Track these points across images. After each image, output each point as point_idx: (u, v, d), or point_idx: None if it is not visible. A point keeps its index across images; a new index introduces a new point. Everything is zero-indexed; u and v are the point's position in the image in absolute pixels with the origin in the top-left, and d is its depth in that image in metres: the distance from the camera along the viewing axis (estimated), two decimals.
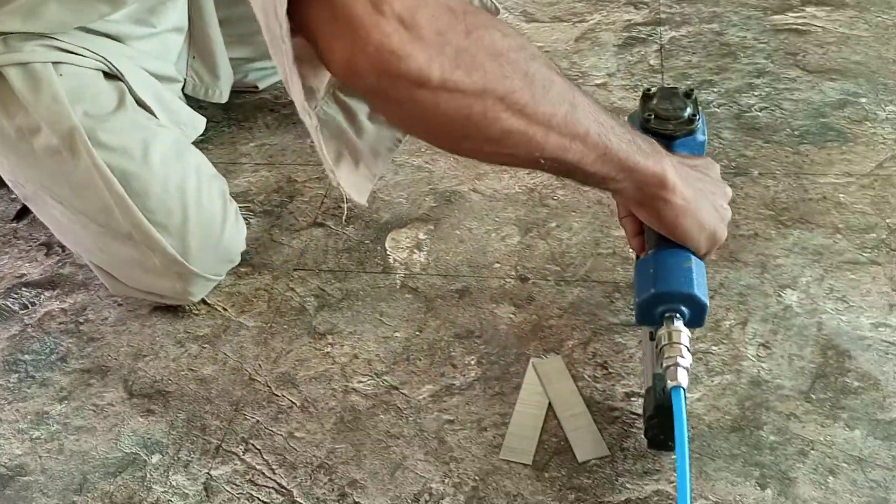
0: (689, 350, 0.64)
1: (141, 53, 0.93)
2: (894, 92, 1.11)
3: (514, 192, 1.03)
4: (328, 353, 0.85)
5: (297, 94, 0.55)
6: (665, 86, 0.77)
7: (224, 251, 0.91)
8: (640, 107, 0.78)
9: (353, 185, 0.65)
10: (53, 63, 0.82)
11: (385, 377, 0.82)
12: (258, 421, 0.79)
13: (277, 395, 0.81)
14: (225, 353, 0.86)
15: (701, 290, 0.67)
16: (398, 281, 0.92)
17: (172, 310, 0.91)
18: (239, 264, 0.95)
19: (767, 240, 0.92)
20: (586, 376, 0.80)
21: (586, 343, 0.83)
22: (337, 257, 0.96)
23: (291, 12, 0.50)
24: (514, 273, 0.92)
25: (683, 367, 0.63)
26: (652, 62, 1.22)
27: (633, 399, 0.77)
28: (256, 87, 1.26)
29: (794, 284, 0.86)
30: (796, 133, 1.06)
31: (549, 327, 0.85)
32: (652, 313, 0.67)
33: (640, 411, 0.76)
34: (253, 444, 0.77)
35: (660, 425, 0.67)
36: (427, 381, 0.81)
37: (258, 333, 0.88)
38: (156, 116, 0.90)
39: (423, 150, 1.11)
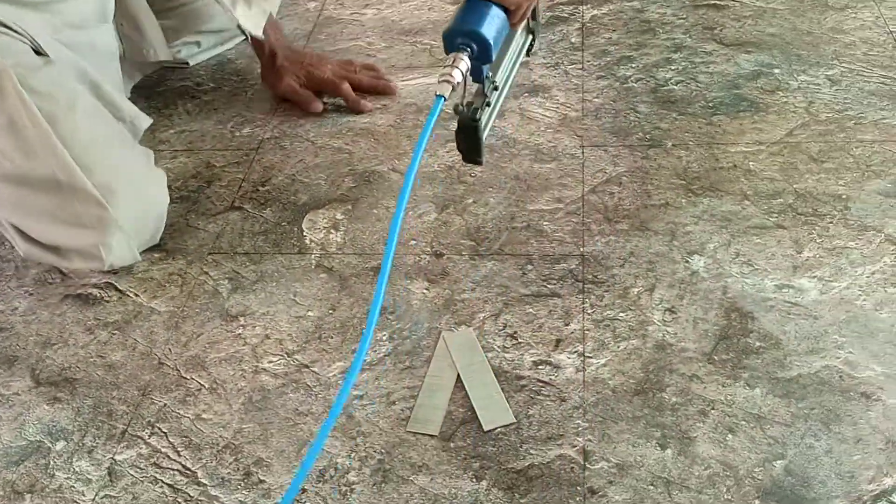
0: (461, 73, 0.78)
1: (63, 23, 0.94)
2: (807, 62, 1.13)
3: (432, 170, 1.03)
4: (240, 334, 0.84)
5: None
6: None
7: (148, 207, 0.93)
8: None
9: (249, 19, 0.85)
10: None
11: (296, 356, 0.81)
12: (165, 404, 0.78)
13: (186, 378, 0.80)
14: (135, 339, 0.85)
15: (486, 29, 0.79)
16: (314, 261, 0.92)
17: (83, 297, 0.90)
18: (153, 249, 0.94)
19: (678, 208, 0.93)
20: (496, 347, 0.80)
21: (497, 315, 0.83)
22: (253, 240, 0.96)
23: None
24: (429, 249, 0.92)
25: (448, 83, 0.77)
26: (573, 40, 1.23)
27: (540, 367, 0.77)
28: (187, 63, 1.27)
29: (702, 250, 0.87)
30: (710, 105, 1.07)
31: (462, 301, 0.85)
32: (453, 44, 0.79)
33: (547, 379, 0.77)
34: (159, 428, 0.76)
35: (463, 140, 0.82)
36: (338, 359, 0.81)
37: (169, 318, 0.87)
38: None
39: (343, 132, 1.10)
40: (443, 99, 0.77)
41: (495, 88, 0.87)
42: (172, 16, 1.22)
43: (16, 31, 0.87)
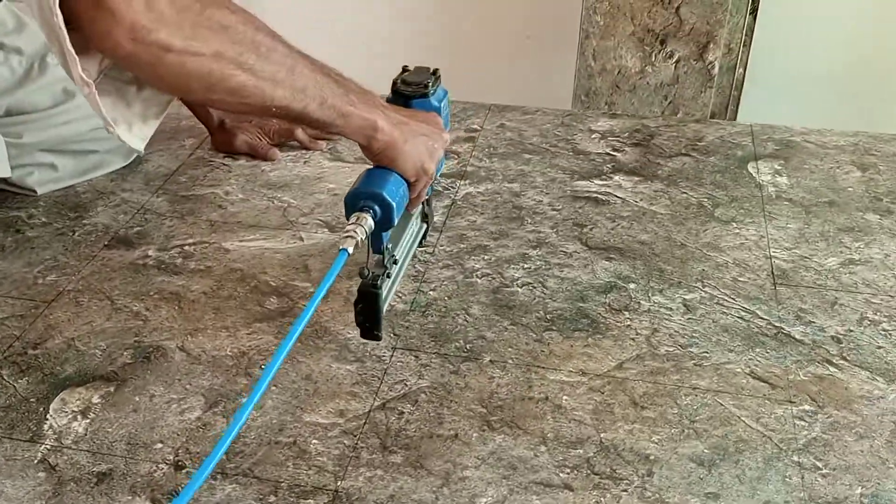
0: (365, 232, 0.81)
1: None
2: (668, 280, 1.03)
3: (222, 354, 0.92)
4: None
5: (73, 67, 0.71)
6: (419, 65, 0.97)
7: None
8: (398, 76, 0.97)
9: (131, 139, 0.82)
10: None
11: None
12: None
13: None
14: None
15: (389, 193, 0.84)
16: (40, 454, 0.80)
17: None
18: None
19: (465, 444, 0.81)
20: None
21: None
22: None
23: (62, 7, 0.67)
24: (172, 458, 0.80)
25: (353, 238, 0.80)
26: (435, 218, 1.14)
27: None
28: (35, 191, 1.19)
29: None
30: (548, 317, 0.97)
31: None
32: (354, 206, 0.83)
33: None
34: None
35: (362, 311, 0.86)
36: None
37: None
38: None
39: (150, 293, 1.00)
40: (346, 253, 0.80)
41: (395, 262, 0.91)
42: (25, 131, 1.16)
43: None
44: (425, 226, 1.05)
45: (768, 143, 1.33)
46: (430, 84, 0.94)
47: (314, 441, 0.81)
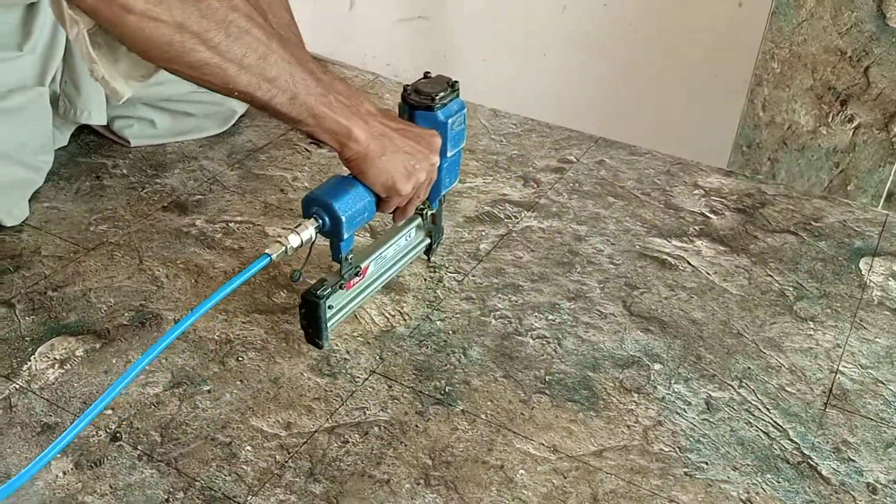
0: (301, 241, 0.79)
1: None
2: (701, 370, 0.90)
3: (209, 337, 0.91)
4: None
5: (62, 3, 0.70)
6: (441, 75, 0.90)
7: None
8: (415, 81, 0.90)
9: (111, 89, 0.80)
10: None
11: None
12: None
13: None
14: None
15: (342, 206, 0.80)
16: (7, 391, 0.83)
17: None
18: None
19: (393, 493, 0.75)
20: None
21: None
22: None
23: None
24: (112, 427, 0.80)
25: (282, 245, 0.78)
26: (482, 247, 1.07)
27: None
28: (128, 142, 1.26)
29: None
30: (546, 378, 0.88)
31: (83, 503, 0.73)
32: (309, 210, 0.81)
33: None
34: None
35: (304, 316, 0.85)
36: None
37: None
38: None
39: (177, 260, 1.02)
40: (268, 258, 0.78)
41: (356, 273, 0.86)
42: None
43: None
44: (428, 240, 1.00)
45: None
46: (440, 97, 0.87)
47: (248, 448, 0.79)
